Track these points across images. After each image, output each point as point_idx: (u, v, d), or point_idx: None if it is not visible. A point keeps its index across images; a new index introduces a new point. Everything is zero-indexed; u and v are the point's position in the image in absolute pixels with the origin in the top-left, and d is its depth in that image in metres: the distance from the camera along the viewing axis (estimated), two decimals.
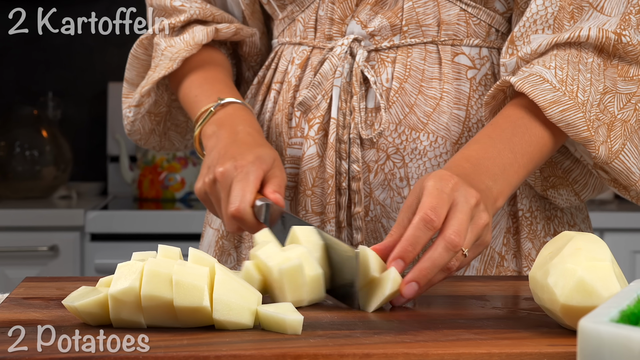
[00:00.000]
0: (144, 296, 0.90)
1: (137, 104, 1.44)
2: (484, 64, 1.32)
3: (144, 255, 0.97)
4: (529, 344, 0.89)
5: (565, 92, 1.20)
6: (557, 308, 0.93)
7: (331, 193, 1.31)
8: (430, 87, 1.30)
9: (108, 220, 2.76)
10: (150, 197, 3.09)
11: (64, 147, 3.08)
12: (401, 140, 1.30)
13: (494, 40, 1.33)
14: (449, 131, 1.30)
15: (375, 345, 0.88)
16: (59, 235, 2.75)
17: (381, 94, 1.30)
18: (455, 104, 1.31)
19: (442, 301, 1.09)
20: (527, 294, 1.15)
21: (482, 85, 1.32)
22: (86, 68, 3.32)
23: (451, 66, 1.31)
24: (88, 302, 0.92)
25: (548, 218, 1.35)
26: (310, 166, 1.33)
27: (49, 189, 3.07)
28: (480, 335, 0.92)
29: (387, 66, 1.31)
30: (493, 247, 1.32)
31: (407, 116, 1.30)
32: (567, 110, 1.19)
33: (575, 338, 0.90)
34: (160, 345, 0.86)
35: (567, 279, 0.92)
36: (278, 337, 0.90)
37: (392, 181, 1.31)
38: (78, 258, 2.75)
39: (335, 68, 1.32)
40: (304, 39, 1.37)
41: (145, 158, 3.10)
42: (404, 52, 1.31)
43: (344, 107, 1.32)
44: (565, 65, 1.22)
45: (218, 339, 0.88)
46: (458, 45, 1.32)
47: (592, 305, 0.90)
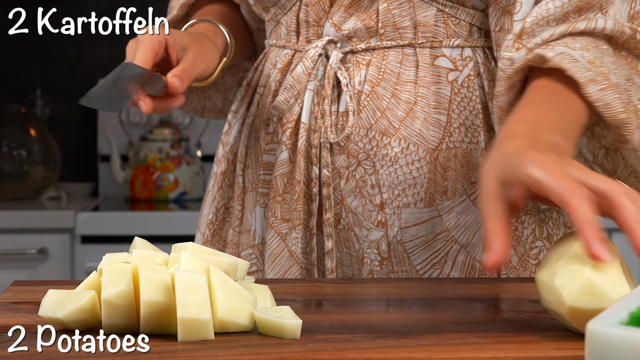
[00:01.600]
0: (144, 302, 0.90)
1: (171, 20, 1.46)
2: (467, 64, 1.31)
3: (116, 257, 0.97)
4: (535, 347, 0.89)
5: (598, 72, 1.14)
6: (564, 310, 0.93)
7: (298, 199, 1.31)
8: (404, 90, 1.29)
9: (99, 221, 2.76)
10: (142, 198, 3.09)
11: (53, 146, 3.08)
12: (372, 145, 1.30)
13: (476, 39, 1.32)
14: (422, 137, 1.29)
15: (376, 349, 0.88)
16: (48, 238, 2.75)
17: (352, 96, 1.30)
18: (435, 108, 1.29)
19: (446, 304, 1.09)
20: (533, 296, 1.15)
21: (464, 87, 1.30)
22: (76, 64, 3.32)
23: (430, 69, 1.30)
24: (73, 310, 0.92)
25: (541, 221, 1.34)
26: (281, 172, 1.33)
27: (37, 190, 3.07)
28: (485, 338, 0.92)
29: (361, 69, 1.31)
30: (472, 255, 1.31)
31: (378, 121, 1.29)
32: (604, 90, 1.13)
33: (583, 341, 0.90)
34: (154, 351, 0.86)
35: (575, 280, 0.91)
36: (276, 341, 0.90)
37: (363, 188, 1.30)
38: (68, 261, 2.75)
39: (308, 71, 1.32)
40: (288, 42, 1.37)
41: (137, 157, 3.10)
42: (379, 55, 1.31)
43: (316, 110, 1.32)
44: (591, 48, 1.17)
45: (214, 344, 0.89)
46: (437, 47, 1.30)
47: (600, 308, 0.90)
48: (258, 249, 1.38)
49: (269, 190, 1.36)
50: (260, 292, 1.01)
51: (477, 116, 1.31)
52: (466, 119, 1.30)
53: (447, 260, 1.30)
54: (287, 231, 1.32)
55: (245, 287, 0.99)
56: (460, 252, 1.31)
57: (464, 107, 1.30)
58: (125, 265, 0.93)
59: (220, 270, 0.95)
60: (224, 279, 0.93)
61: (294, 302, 1.09)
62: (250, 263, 1.37)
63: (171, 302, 0.91)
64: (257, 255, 1.38)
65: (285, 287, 1.18)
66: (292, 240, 1.32)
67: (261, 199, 1.36)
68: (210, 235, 1.44)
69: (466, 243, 1.31)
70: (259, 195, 1.37)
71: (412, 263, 1.30)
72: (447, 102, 1.30)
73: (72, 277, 2.75)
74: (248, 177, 1.39)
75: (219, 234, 1.44)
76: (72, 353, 0.85)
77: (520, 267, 1.32)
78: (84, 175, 3.35)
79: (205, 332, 0.90)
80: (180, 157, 3.10)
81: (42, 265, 2.75)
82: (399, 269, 1.30)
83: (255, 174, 1.38)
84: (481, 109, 1.31)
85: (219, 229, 1.44)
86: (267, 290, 1.01)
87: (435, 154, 1.29)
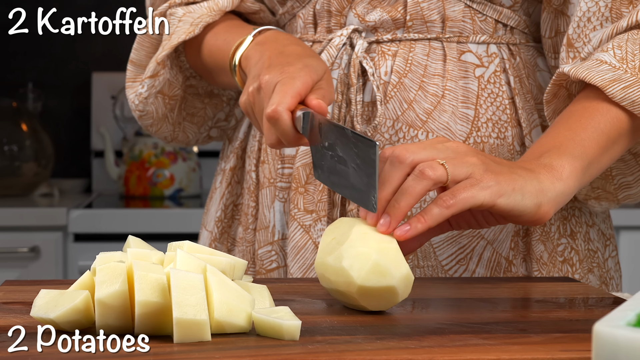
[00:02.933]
0: (139, 302, 0.90)
1: (152, 74, 1.40)
2: (492, 60, 1.33)
3: (110, 256, 0.97)
4: (541, 349, 0.89)
5: (626, 69, 1.19)
6: (354, 290, 1.02)
7: (322, 190, 1.31)
8: (431, 83, 1.31)
9: (92, 219, 2.76)
10: (137, 195, 3.09)
11: (45, 141, 3.08)
12: (398, 137, 1.31)
13: (502, 35, 1.34)
14: (450, 131, 1.30)
15: (377, 351, 0.88)
16: (40, 236, 2.75)
17: (378, 86, 1.30)
18: (463, 102, 1.31)
19: (449, 304, 1.09)
20: (538, 296, 1.16)
21: (490, 83, 1.33)
22: (68, 57, 3.32)
23: (457, 64, 1.32)
24: (66, 311, 0.92)
25: (564, 218, 1.36)
26: (303, 162, 1.33)
27: (29, 186, 3.07)
28: (489, 340, 0.92)
29: (387, 59, 1.32)
30: (499, 251, 1.32)
31: (405, 112, 1.31)
32: (629, 87, 1.18)
33: (589, 343, 0.90)
34: (149, 353, 0.86)
35: (362, 261, 1.02)
36: (274, 343, 0.90)
37: None
38: (60, 260, 2.75)
39: (332, 59, 1.32)
40: (304, 35, 1.38)
41: (132, 153, 3.10)
42: (406, 47, 1.32)
43: (339, 99, 1.32)
44: (624, 43, 1.22)
45: (211, 345, 0.89)
46: (464, 43, 1.33)
47: (386, 285, 1.02)
48: (278, 245, 1.38)
49: (289, 184, 1.36)
50: (259, 292, 1.01)
51: (504, 112, 1.33)
52: (493, 114, 1.32)
53: (473, 256, 1.31)
54: (311, 223, 1.33)
55: (243, 287, 0.99)
56: (486, 248, 1.32)
57: (491, 103, 1.32)
58: (120, 265, 0.93)
59: (217, 269, 0.95)
60: (221, 278, 0.94)
61: (293, 302, 1.09)
62: (270, 260, 1.38)
63: (167, 302, 0.91)
64: (278, 251, 1.37)
65: (284, 286, 1.18)
66: (317, 232, 1.33)
67: (280, 194, 1.36)
68: (218, 233, 1.44)
69: (492, 239, 1.32)
70: (278, 189, 1.36)
71: (438, 258, 1.31)
72: (475, 97, 1.32)
73: (64, 276, 2.75)
74: (264, 172, 1.39)
75: (228, 232, 1.45)
76: (72, 353, 0.85)
77: (550, 263, 1.34)
78: (76, 171, 3.36)
79: (202, 334, 0.90)
80: (176, 152, 3.10)
81: (33, 264, 2.75)
82: (424, 264, 1.31)
83: (273, 168, 1.38)
84: (508, 104, 1.33)
85: (228, 226, 1.45)
86: (266, 290, 1.02)
87: None
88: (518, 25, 1.35)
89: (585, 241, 1.37)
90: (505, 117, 1.33)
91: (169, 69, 1.42)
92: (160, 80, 1.41)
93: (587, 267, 1.37)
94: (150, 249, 1.01)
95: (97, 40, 3.30)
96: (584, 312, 1.08)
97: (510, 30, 1.35)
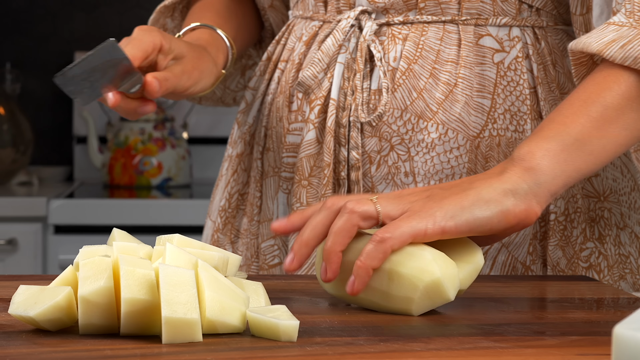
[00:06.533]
0: (125, 300, 0.90)
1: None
2: (514, 45, 1.31)
3: (94, 250, 0.97)
4: (556, 352, 0.90)
5: (631, 23, 1.14)
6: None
7: (327, 184, 1.31)
8: (444, 70, 1.30)
9: (74, 210, 2.77)
10: (122, 184, 3.09)
11: (23, 126, 3.08)
12: (406, 129, 1.30)
13: (526, 17, 1.32)
14: (463, 123, 1.29)
15: (381, 354, 0.88)
16: (17, 227, 2.75)
17: (385, 72, 1.30)
18: (478, 91, 1.30)
19: (458, 304, 1.09)
20: (553, 296, 1.16)
21: (511, 69, 1.31)
22: (50, 36, 3.32)
23: (473, 49, 1.30)
24: (47, 308, 0.92)
25: (592, 220, 1.34)
26: (307, 153, 1.33)
27: (6, 174, 3.07)
28: (501, 343, 0.93)
29: (397, 43, 1.31)
30: (515, 256, 1.31)
31: (414, 102, 1.30)
32: (629, 43, 1.13)
33: (608, 346, 0.90)
34: (136, 354, 0.87)
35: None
36: (270, 344, 0.90)
37: (396, 175, 1.30)
38: (40, 253, 2.76)
39: (339, 43, 1.32)
40: (315, 13, 1.37)
41: (117, 139, 3.10)
42: (418, 30, 1.31)
43: (346, 86, 1.32)
44: None
45: (202, 347, 0.89)
46: (482, 26, 1.31)
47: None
48: (281, 239, 1.38)
49: (292, 174, 1.36)
50: (254, 289, 1.01)
51: (524, 102, 1.31)
52: (512, 105, 1.31)
53: (487, 259, 1.30)
54: None
55: (237, 284, 1.00)
56: (501, 251, 1.31)
57: (510, 92, 1.31)
58: (105, 259, 0.93)
59: (209, 265, 0.95)
60: (214, 275, 0.94)
61: (291, 300, 1.09)
62: (272, 255, 1.38)
63: (155, 300, 0.91)
64: (280, 246, 1.37)
65: (281, 284, 1.18)
66: None
67: (284, 184, 1.36)
68: (221, 223, 1.44)
69: (508, 242, 1.31)
70: (282, 180, 1.36)
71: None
72: (492, 86, 1.30)
73: (44, 271, 2.75)
74: (268, 160, 1.39)
75: (232, 222, 1.44)
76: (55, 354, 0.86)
77: (568, 270, 1.32)
78: (57, 158, 3.36)
79: (193, 334, 0.90)
80: (165, 139, 3.10)
81: (11, 257, 2.75)
82: None
83: (278, 156, 1.38)
84: (529, 94, 1.31)
85: (232, 217, 1.44)
86: (261, 288, 1.02)
87: (477, 141, 1.30)
88: (545, 5, 1.32)
89: (615, 245, 1.35)
90: (525, 109, 1.31)
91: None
92: None
93: (619, 274, 1.35)
94: (136, 243, 1.01)
95: (81, 18, 3.30)
96: (602, 313, 1.08)
97: (537, 11, 1.32)
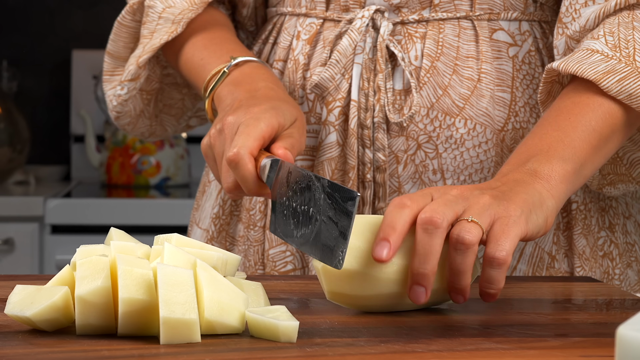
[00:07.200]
0: (123, 300, 0.90)
1: (133, 77, 1.40)
2: (526, 39, 1.33)
3: (91, 250, 0.97)
4: (559, 354, 0.90)
5: (620, 58, 1.19)
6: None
7: (352, 186, 1.30)
8: (466, 66, 1.31)
9: (71, 209, 2.77)
10: (120, 184, 3.09)
11: (20, 124, 3.08)
12: (434, 126, 1.30)
13: (533, 12, 1.34)
14: (489, 117, 1.31)
15: (381, 355, 0.88)
16: (14, 227, 2.75)
17: (411, 72, 1.30)
18: (498, 85, 1.31)
19: (460, 305, 1.09)
20: (557, 296, 1.16)
21: (525, 63, 1.33)
22: (46, 33, 3.32)
23: (490, 44, 1.32)
24: (44, 308, 0.92)
25: (602, 209, 1.36)
26: (329, 156, 1.32)
27: (3, 174, 3.07)
28: (503, 344, 0.93)
29: (415, 42, 1.32)
30: (542, 246, 1.33)
31: (440, 99, 1.31)
32: (625, 79, 1.18)
33: (611, 348, 0.90)
34: (133, 355, 0.87)
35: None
36: (269, 345, 0.90)
37: (424, 174, 1.31)
38: (36, 253, 2.76)
39: (355, 43, 1.32)
40: (312, 10, 1.36)
41: (114, 138, 3.10)
42: (435, 27, 1.32)
43: (366, 87, 1.31)
44: (615, 29, 1.22)
45: (200, 347, 0.89)
46: (495, 20, 1.33)
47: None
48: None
49: None
50: (253, 290, 1.01)
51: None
52: (530, 98, 1.32)
53: (514, 252, 1.30)
54: None
55: (236, 284, 0.99)
56: (528, 243, 1.33)
57: (527, 85, 1.32)
58: (102, 259, 0.93)
59: (208, 265, 0.95)
60: (213, 275, 0.94)
61: (290, 301, 1.09)
62: (284, 262, 1.36)
63: (153, 300, 0.91)
64: (293, 252, 1.36)
65: (281, 284, 1.18)
66: None
67: None
68: (216, 231, 1.43)
69: None
70: None
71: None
72: (510, 79, 1.32)
73: (40, 270, 2.75)
74: None
75: (226, 229, 1.43)
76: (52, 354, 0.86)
77: (592, 258, 1.34)
78: (54, 157, 3.36)
79: (191, 334, 0.90)
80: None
81: (7, 257, 2.75)
82: None
83: None
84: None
85: (226, 224, 1.43)
86: (260, 288, 1.02)
87: (502, 135, 1.31)
88: (547, 1, 1.35)
89: (623, 234, 1.38)
90: None
91: (148, 64, 1.42)
92: (142, 82, 1.41)
93: (626, 262, 1.37)
94: (134, 242, 1.01)
95: (78, 15, 3.30)
96: (606, 314, 1.08)
97: (541, 6, 1.34)
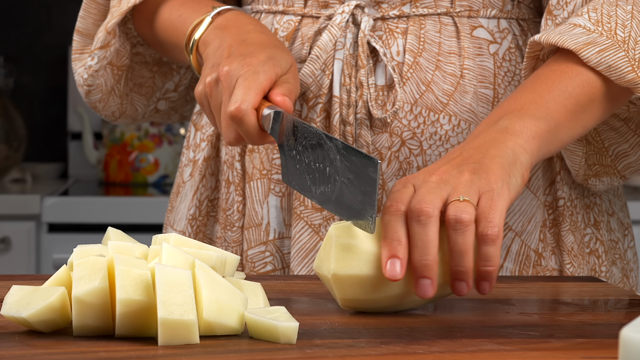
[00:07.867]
0: (120, 301, 0.90)
1: (103, 45, 1.40)
2: (505, 37, 1.34)
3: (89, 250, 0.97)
4: (562, 355, 0.90)
5: (601, 32, 1.21)
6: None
7: None
8: (448, 62, 1.32)
9: (68, 208, 2.77)
10: (118, 181, 3.09)
11: (17, 121, 3.08)
12: (418, 123, 1.31)
13: (510, 10, 1.35)
14: (473, 114, 1.31)
15: (382, 356, 0.88)
16: (10, 226, 2.75)
17: (393, 68, 1.30)
18: (481, 82, 1.32)
19: (461, 306, 1.09)
20: (559, 297, 1.16)
21: (506, 60, 1.34)
22: (43, 29, 3.32)
23: (471, 40, 1.33)
24: (40, 309, 0.92)
25: (587, 206, 1.37)
26: None
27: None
28: (505, 345, 0.93)
29: (396, 38, 1.32)
30: (527, 244, 1.33)
31: (423, 95, 1.31)
32: (605, 51, 1.20)
33: (615, 349, 0.90)
34: (131, 356, 0.87)
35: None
36: (269, 346, 0.90)
37: (408, 171, 1.31)
38: (33, 252, 2.76)
39: (336, 39, 1.32)
40: (289, 7, 1.36)
41: (112, 135, 3.10)
42: (416, 23, 1.32)
43: (347, 83, 1.31)
44: (599, 6, 1.23)
45: (199, 349, 0.89)
46: (475, 17, 1.33)
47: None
48: (274, 245, 1.36)
49: None
50: (252, 290, 1.01)
51: None
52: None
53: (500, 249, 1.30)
54: (321, 222, 1.32)
55: (235, 285, 1.00)
56: (514, 240, 1.33)
57: (509, 82, 1.33)
58: (100, 259, 0.93)
59: (206, 265, 0.95)
60: (211, 275, 0.94)
61: (290, 301, 1.09)
62: (263, 262, 1.36)
63: (151, 300, 0.91)
64: (273, 252, 1.36)
65: (280, 284, 1.18)
66: None
67: (277, 187, 1.35)
68: (192, 233, 1.43)
69: (521, 231, 1.33)
70: (274, 182, 1.35)
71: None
72: (492, 76, 1.33)
73: (37, 270, 2.75)
74: (253, 162, 1.36)
75: (203, 231, 1.43)
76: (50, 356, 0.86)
77: (579, 255, 1.35)
78: (51, 155, 3.36)
79: (189, 335, 0.90)
80: (161, 135, 3.10)
81: (3, 256, 2.75)
82: None
83: (267, 157, 1.36)
84: None
85: (203, 225, 1.43)
86: (260, 289, 1.02)
87: None
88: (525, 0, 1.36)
89: (607, 231, 1.39)
90: None
91: (118, 38, 1.41)
92: (112, 51, 1.41)
93: (611, 259, 1.39)
94: (132, 242, 1.01)
95: (74, 10, 3.30)
96: (609, 315, 1.08)
97: (518, 4, 1.35)
